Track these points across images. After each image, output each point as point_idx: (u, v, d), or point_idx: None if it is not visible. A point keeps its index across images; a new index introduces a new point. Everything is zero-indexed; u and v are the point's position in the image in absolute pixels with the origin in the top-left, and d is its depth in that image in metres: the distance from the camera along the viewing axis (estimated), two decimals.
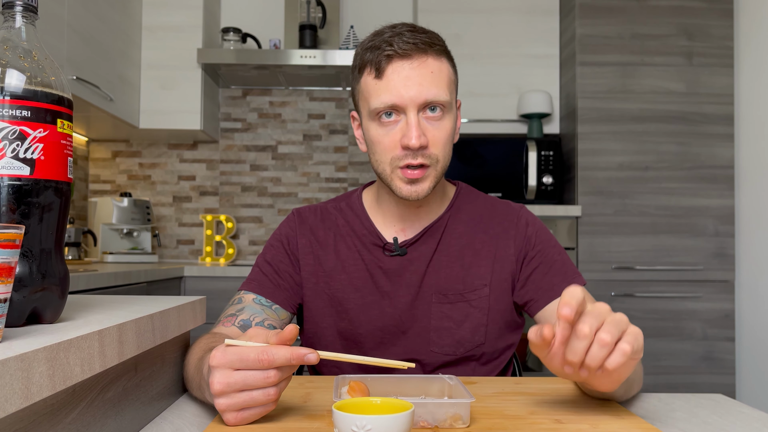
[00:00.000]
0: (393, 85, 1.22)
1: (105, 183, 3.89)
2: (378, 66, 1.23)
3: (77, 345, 0.65)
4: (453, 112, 1.28)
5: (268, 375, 0.82)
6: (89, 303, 0.97)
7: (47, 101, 0.74)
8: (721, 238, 3.16)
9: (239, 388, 0.83)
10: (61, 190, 0.76)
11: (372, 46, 1.25)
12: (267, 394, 0.84)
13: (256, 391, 0.83)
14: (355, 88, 1.32)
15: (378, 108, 1.23)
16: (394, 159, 1.24)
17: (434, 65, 1.24)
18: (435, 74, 1.23)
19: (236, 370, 0.83)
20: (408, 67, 1.22)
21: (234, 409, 0.84)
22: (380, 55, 1.23)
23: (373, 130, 1.26)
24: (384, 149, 1.25)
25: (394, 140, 1.23)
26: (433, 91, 1.22)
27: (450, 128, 1.26)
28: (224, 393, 0.83)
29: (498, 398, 1.05)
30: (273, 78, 3.71)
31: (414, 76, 1.21)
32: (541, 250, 1.36)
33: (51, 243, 0.76)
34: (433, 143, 1.23)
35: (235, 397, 0.83)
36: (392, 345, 1.34)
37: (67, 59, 2.63)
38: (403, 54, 1.22)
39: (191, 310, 1.05)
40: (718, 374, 3.12)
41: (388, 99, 1.21)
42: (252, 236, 3.91)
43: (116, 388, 0.81)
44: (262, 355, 0.82)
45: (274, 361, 0.82)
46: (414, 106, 1.21)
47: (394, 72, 1.22)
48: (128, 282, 2.51)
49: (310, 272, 1.37)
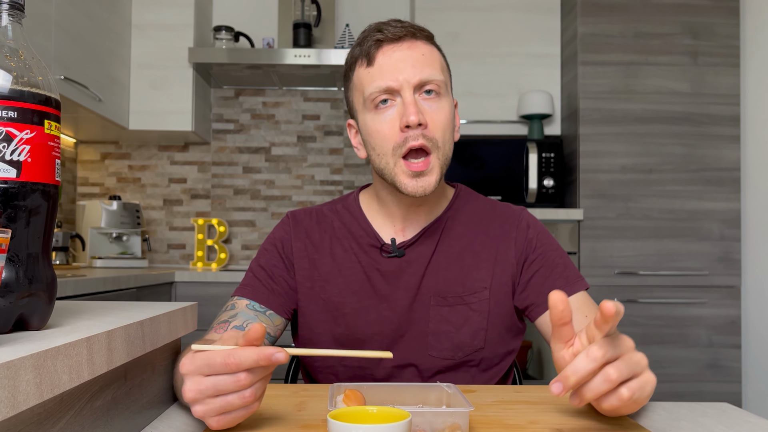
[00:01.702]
0: (386, 69, 1.23)
1: (93, 186, 3.89)
2: (368, 54, 1.25)
3: (65, 352, 0.65)
4: (449, 97, 1.29)
5: (238, 378, 0.81)
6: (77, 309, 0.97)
7: (34, 102, 0.74)
8: (727, 243, 3.17)
9: (212, 394, 0.82)
10: (49, 193, 0.76)
11: (360, 41, 1.29)
12: (242, 397, 0.82)
13: (230, 395, 0.82)
14: (349, 91, 1.33)
15: (373, 93, 1.24)
16: (396, 147, 1.24)
17: (425, 48, 1.26)
18: (426, 56, 1.25)
19: (206, 376, 0.82)
20: (398, 49, 1.24)
21: (212, 414, 0.83)
22: (369, 42, 1.25)
23: (370, 121, 1.27)
24: (384, 138, 1.25)
25: (392, 126, 1.24)
26: (426, 71, 1.23)
27: (448, 111, 1.27)
28: (198, 400, 0.82)
29: (497, 407, 1.05)
30: (266, 78, 3.71)
31: (406, 58, 1.23)
32: (542, 253, 1.36)
33: (38, 247, 0.76)
34: (432, 123, 1.24)
35: (210, 402, 0.82)
36: (389, 349, 1.33)
37: (54, 58, 2.63)
38: (393, 38, 1.24)
39: (182, 317, 1.05)
40: (724, 382, 3.13)
41: (382, 83, 1.23)
42: (245, 240, 3.91)
43: (105, 396, 0.81)
44: (228, 359, 0.80)
45: (241, 364, 0.80)
46: (409, 86, 1.22)
47: (385, 56, 1.24)
48: (117, 287, 2.51)
49: (305, 277, 1.37)
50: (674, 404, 1.12)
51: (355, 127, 1.36)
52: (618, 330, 1.29)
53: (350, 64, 1.30)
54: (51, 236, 0.78)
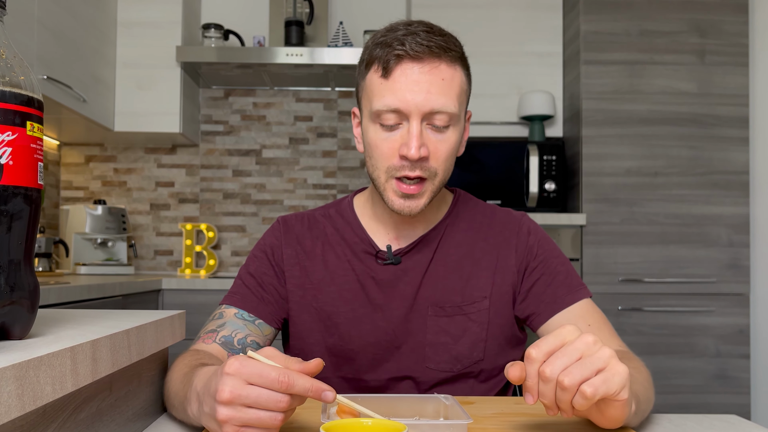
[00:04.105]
0: (399, 88, 1.20)
1: (78, 189, 3.88)
2: (386, 65, 1.21)
3: (48, 362, 0.65)
4: (460, 125, 1.27)
5: (281, 399, 0.81)
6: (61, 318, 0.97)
7: (16, 102, 0.74)
8: (736, 249, 3.18)
9: (249, 404, 0.81)
10: (31, 197, 0.76)
11: (383, 42, 1.23)
12: (274, 418, 0.82)
13: (265, 413, 0.82)
14: (360, 84, 1.30)
15: (380, 110, 1.22)
16: (391, 168, 1.24)
17: (446, 72, 1.22)
18: (446, 82, 1.21)
19: (250, 384, 0.82)
20: (418, 70, 1.20)
21: (236, 423, 0.82)
22: (390, 54, 1.21)
23: (372, 133, 1.26)
24: (381, 155, 1.24)
25: (392, 147, 1.23)
26: (441, 101, 1.20)
27: (454, 142, 1.25)
28: (231, 403, 0.81)
29: (497, 419, 1.05)
30: (257, 77, 3.72)
31: (423, 81, 1.20)
32: (543, 260, 1.36)
33: (20, 254, 0.76)
34: (434, 156, 1.23)
35: (242, 411, 0.81)
36: (385, 361, 1.33)
37: (37, 57, 2.63)
38: (414, 56, 1.20)
39: (170, 326, 1.05)
40: (732, 393, 3.13)
41: (391, 102, 1.20)
42: (234, 246, 3.91)
43: (90, 408, 0.81)
44: (282, 377, 0.80)
45: (293, 387, 0.80)
46: (418, 113, 1.19)
47: (403, 74, 1.20)
48: (102, 295, 2.50)
49: (296, 285, 1.37)
50: (681, 416, 1.12)
51: (358, 118, 1.34)
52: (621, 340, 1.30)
53: (367, 62, 1.27)
54: (33, 242, 0.78)
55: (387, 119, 1.22)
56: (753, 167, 3.22)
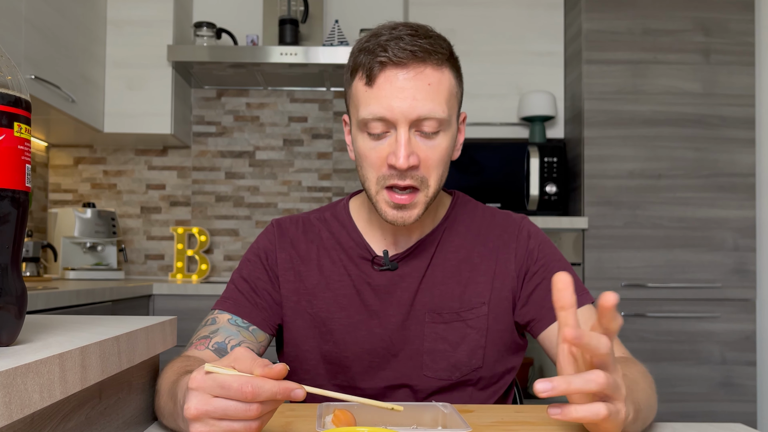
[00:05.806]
0: (384, 95, 1.19)
1: (66, 192, 3.88)
2: (370, 72, 1.21)
3: (36, 370, 0.65)
4: (452, 129, 1.26)
5: (250, 408, 0.81)
6: (49, 324, 0.97)
7: (3, 103, 0.74)
8: (741, 253, 3.18)
9: (218, 417, 0.82)
10: (18, 200, 0.76)
11: (366, 48, 1.23)
12: (248, 427, 0.83)
13: (237, 423, 0.82)
14: (348, 92, 1.30)
15: (366, 119, 1.21)
16: (381, 178, 1.23)
17: (433, 76, 1.21)
18: (432, 87, 1.20)
19: (216, 396, 0.82)
20: (402, 77, 1.19)
21: None
22: (373, 61, 1.20)
23: (361, 142, 1.25)
24: (370, 165, 1.24)
25: (381, 156, 1.22)
26: (428, 106, 1.19)
27: (446, 147, 1.24)
28: (199, 419, 0.83)
29: (497, 428, 1.05)
30: (250, 77, 3.72)
31: (408, 88, 1.19)
32: (544, 265, 1.36)
33: (7, 258, 0.76)
34: (424, 164, 1.22)
35: (213, 425, 0.82)
36: (381, 369, 1.33)
37: (24, 57, 2.63)
38: (397, 62, 1.19)
39: (161, 332, 1.05)
40: (738, 402, 3.13)
41: (377, 110, 1.20)
42: (227, 251, 3.91)
43: (79, 417, 0.81)
44: (245, 387, 0.80)
45: (259, 395, 0.80)
46: (405, 121, 1.19)
47: (387, 81, 1.20)
48: (92, 301, 2.50)
49: (290, 290, 1.37)
50: (685, 425, 1.12)
51: (349, 125, 1.34)
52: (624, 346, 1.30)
53: (352, 69, 1.27)
54: (21, 246, 0.78)
55: (374, 128, 1.22)
56: (759, 169, 3.22)
